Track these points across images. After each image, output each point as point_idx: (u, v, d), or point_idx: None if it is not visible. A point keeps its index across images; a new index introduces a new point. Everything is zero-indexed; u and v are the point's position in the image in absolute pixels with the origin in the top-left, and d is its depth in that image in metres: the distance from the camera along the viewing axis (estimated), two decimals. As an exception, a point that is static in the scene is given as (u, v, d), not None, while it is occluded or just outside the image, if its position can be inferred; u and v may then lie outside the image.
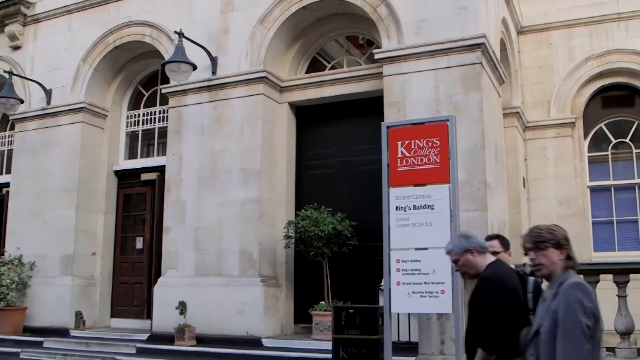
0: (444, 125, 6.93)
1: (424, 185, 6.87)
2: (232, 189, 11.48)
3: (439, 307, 6.72)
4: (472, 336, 4.16)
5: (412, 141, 6.93)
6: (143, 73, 14.38)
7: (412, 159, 6.90)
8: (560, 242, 3.40)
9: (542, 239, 3.40)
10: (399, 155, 6.99)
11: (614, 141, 13.39)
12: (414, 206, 6.81)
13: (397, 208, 6.91)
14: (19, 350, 11.50)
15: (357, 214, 11.09)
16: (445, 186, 6.77)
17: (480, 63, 9.92)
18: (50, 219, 13.43)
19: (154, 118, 14.04)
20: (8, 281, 12.87)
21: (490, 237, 5.53)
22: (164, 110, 13.57)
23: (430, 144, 6.86)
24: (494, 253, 4.93)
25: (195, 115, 12.10)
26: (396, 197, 6.94)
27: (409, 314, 8.84)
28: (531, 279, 3.93)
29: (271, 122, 11.79)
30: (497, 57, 11.05)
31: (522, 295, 4.14)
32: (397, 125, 7.32)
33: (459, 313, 6.71)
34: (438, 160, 6.81)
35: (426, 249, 6.76)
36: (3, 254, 13.62)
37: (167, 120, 12.94)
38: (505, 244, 5.62)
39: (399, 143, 7.02)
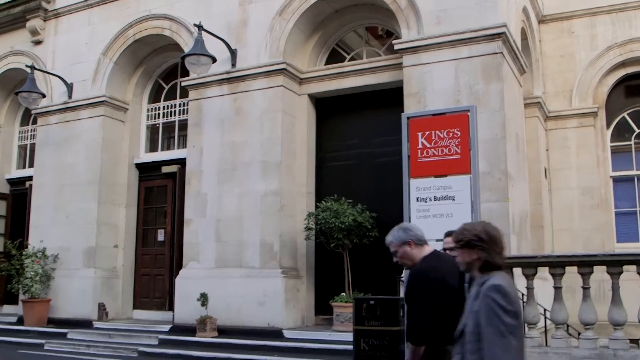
0: (464, 116, 6.88)
1: (445, 176, 6.83)
2: (253, 181, 11.50)
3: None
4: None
5: (433, 132, 6.90)
6: (163, 66, 14.43)
7: (432, 149, 6.86)
8: (471, 242, 3.33)
9: (458, 238, 3.39)
10: (420, 146, 6.96)
11: (637, 131, 13.25)
12: (435, 197, 6.78)
13: (417, 199, 6.89)
14: (43, 341, 11.64)
15: (377, 205, 11.07)
16: (466, 177, 6.73)
17: (501, 53, 9.84)
18: (73, 212, 13.55)
19: (174, 111, 14.09)
20: (32, 273, 13.02)
21: (447, 234, 5.56)
22: (184, 103, 13.62)
23: (450, 134, 6.82)
24: (450, 249, 5.03)
25: (215, 108, 12.13)
26: (417, 188, 6.91)
27: (430, 305, 8.80)
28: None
29: (291, 114, 11.79)
30: (518, 47, 10.95)
31: (454, 285, 4.16)
32: (418, 116, 7.28)
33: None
34: (459, 151, 6.77)
35: (447, 240, 6.72)
36: (27, 247, 13.78)
37: (187, 113, 12.98)
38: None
39: (420, 134, 6.99)
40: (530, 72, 12.71)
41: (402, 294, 8.40)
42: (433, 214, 6.75)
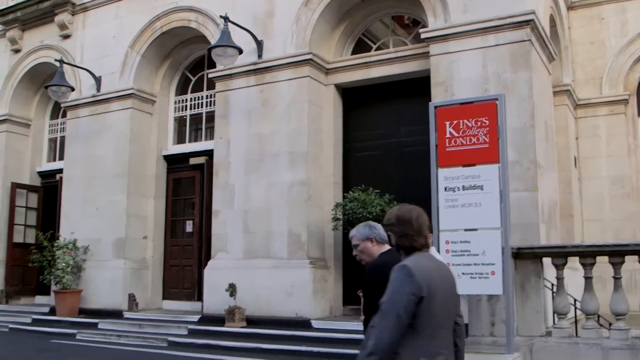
0: (492, 105, 6.82)
1: (473, 165, 6.78)
2: (280, 171, 11.53)
3: (489, 289, 6.65)
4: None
5: (461, 121, 6.84)
6: (190, 58, 14.50)
7: (460, 139, 6.81)
8: (385, 227, 3.51)
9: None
10: (448, 135, 6.92)
11: (669, 118, 13.04)
12: (463, 187, 6.73)
13: (446, 189, 6.84)
14: (75, 331, 11.81)
15: (405, 195, 10.98)
16: (494, 166, 6.67)
17: (530, 40, 9.72)
18: (103, 204, 13.71)
19: (201, 103, 14.16)
20: (63, 265, 13.20)
21: None
22: (211, 95, 13.68)
23: (479, 123, 6.76)
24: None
25: (242, 99, 12.16)
26: (445, 177, 6.87)
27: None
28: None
29: (317, 105, 11.78)
30: (547, 34, 10.81)
31: None
32: (445, 105, 7.23)
33: (510, 294, 6.63)
34: (487, 140, 6.71)
35: (476, 229, 6.68)
36: (58, 239, 13.97)
37: (214, 105, 13.04)
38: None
39: (447, 123, 6.95)
40: (559, 59, 12.55)
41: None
42: (461, 204, 6.70)
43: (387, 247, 4.44)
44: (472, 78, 9.95)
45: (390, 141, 11.81)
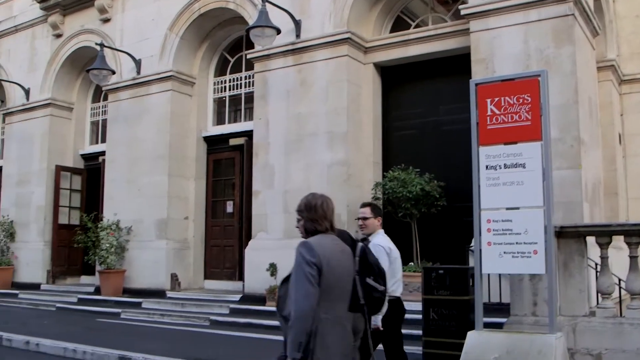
0: (535, 81, 6.67)
1: (515, 143, 6.64)
2: (319, 151, 11.52)
3: (531, 268, 6.55)
4: None
5: (502, 98, 6.71)
6: (228, 39, 14.54)
7: (502, 116, 6.69)
8: (297, 212, 4.20)
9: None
10: (489, 113, 6.80)
11: None
12: (505, 165, 6.61)
13: (487, 167, 6.74)
14: (119, 310, 12.04)
15: (445, 174, 10.94)
16: (537, 144, 6.53)
17: (573, 15, 9.50)
18: (145, 185, 13.89)
19: (240, 84, 14.21)
20: (107, 245, 13.45)
21: (363, 205, 6.20)
22: (249, 76, 13.71)
23: (521, 100, 6.62)
24: (364, 219, 5.96)
25: (280, 80, 12.16)
26: (486, 156, 6.76)
27: (499, 275, 8.71)
28: (360, 244, 4.24)
29: (356, 84, 11.72)
30: (591, 8, 10.55)
31: (348, 254, 4.20)
32: (486, 83, 7.09)
33: (553, 274, 6.54)
34: (529, 117, 6.57)
35: (518, 208, 6.58)
36: (102, 220, 14.21)
37: (253, 86, 13.07)
38: (375, 211, 6.13)
39: (488, 100, 6.82)
40: (604, 34, 12.24)
41: (471, 264, 8.33)
42: (503, 182, 6.60)
43: None
44: (513, 54, 9.78)
45: (430, 120, 11.71)
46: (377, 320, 5.50)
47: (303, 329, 3.54)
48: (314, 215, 4.05)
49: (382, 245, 5.87)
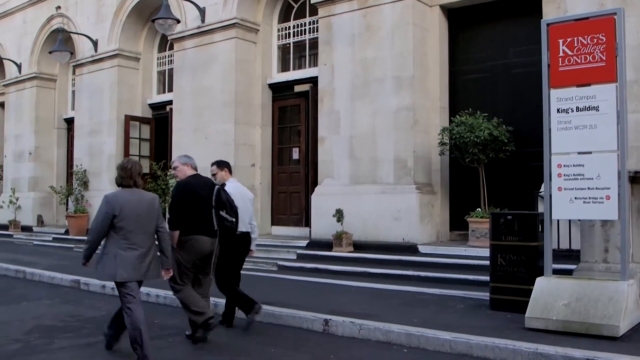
0: (610, 20, 6.40)
1: (588, 85, 6.43)
2: (385, 97, 11.41)
3: (603, 214, 6.40)
4: None
5: (575, 38, 6.47)
6: (292, -16, 14.41)
7: (574, 57, 6.46)
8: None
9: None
10: (561, 54, 6.57)
11: None
12: (577, 108, 6.42)
13: (558, 110, 6.55)
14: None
15: (514, 118, 10.72)
16: (611, 86, 6.31)
17: (652, -52, 9.03)
18: (212, 133, 14.07)
19: (304, 30, 14.10)
20: (177, 192, 13.71)
21: (212, 164, 7.67)
22: (313, 21, 13.59)
23: (595, 40, 6.38)
24: (213, 175, 7.43)
25: (345, 24, 12.02)
26: (557, 99, 6.56)
27: (569, 221, 8.55)
28: (216, 187, 6.58)
29: (422, 27, 11.49)
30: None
31: (202, 194, 6.45)
32: (558, 22, 6.84)
33: (626, 220, 6.38)
34: (604, 58, 6.33)
35: (590, 153, 6.40)
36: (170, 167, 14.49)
37: (317, 31, 12.96)
38: (220, 166, 7.57)
39: (560, 41, 6.59)
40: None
41: (540, 210, 8.19)
42: (575, 126, 6.41)
43: (195, 172, 6.67)
44: (587, -8, 9.39)
45: (498, 63, 11.41)
46: (252, 246, 7.42)
47: (90, 247, 5.64)
48: (123, 174, 5.70)
49: (228, 189, 6.99)
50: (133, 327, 5.45)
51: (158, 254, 5.79)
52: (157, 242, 5.81)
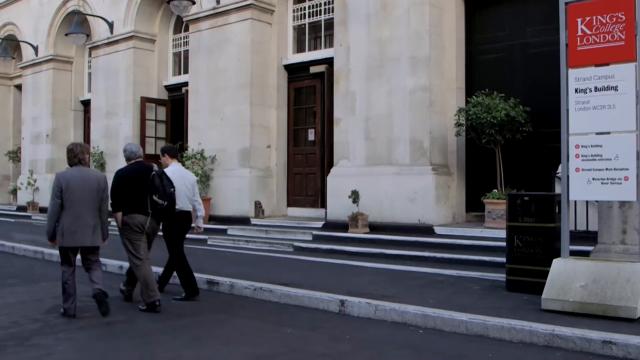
0: (630, -2, 6.30)
1: (607, 65, 6.34)
2: (401, 77, 11.34)
3: (621, 195, 6.34)
4: None
5: (594, 17, 6.39)
6: (306, -36, 14.31)
7: (593, 36, 6.38)
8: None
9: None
10: (579, 33, 6.49)
11: None
12: (596, 88, 6.34)
13: (576, 90, 6.48)
14: (206, 237, 12.41)
15: (531, 99, 10.62)
16: (631, 65, 6.22)
17: None
18: (227, 115, 14.07)
19: (320, 10, 14.02)
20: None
21: (160, 149, 8.56)
22: (329, 2, 13.51)
23: (614, 19, 6.28)
24: (159, 158, 8.31)
25: (360, 4, 11.93)
26: (575, 78, 6.49)
27: (586, 202, 8.49)
28: (153, 173, 7.06)
29: (438, 6, 11.38)
30: None
31: (138, 179, 7.05)
32: (577, 1, 6.75)
33: (644, 201, 6.32)
34: (623, 37, 6.24)
35: (609, 133, 6.33)
36: (186, 149, 14.55)
37: (332, 12, 12.88)
38: (162, 151, 8.30)
39: (579, 20, 6.50)
40: None
41: (557, 191, 8.14)
42: (593, 106, 6.34)
43: (134, 160, 7.24)
44: (606, -30, 9.22)
45: (516, 43, 11.29)
46: (199, 222, 8.16)
47: (50, 222, 6.60)
48: (69, 155, 6.81)
49: (167, 172, 7.52)
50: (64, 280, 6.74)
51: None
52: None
